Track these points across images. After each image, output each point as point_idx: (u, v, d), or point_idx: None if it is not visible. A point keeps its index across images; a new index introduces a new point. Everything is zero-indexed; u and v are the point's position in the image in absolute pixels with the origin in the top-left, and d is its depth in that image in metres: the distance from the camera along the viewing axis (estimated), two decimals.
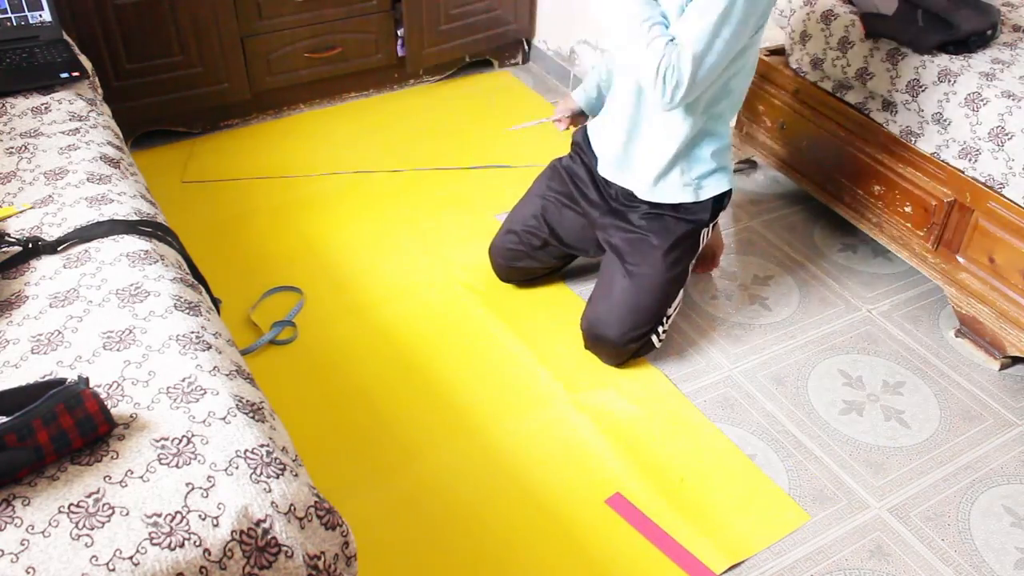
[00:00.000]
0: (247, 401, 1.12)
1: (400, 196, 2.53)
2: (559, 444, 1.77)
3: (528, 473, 1.70)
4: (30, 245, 1.36)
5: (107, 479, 0.99)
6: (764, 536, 1.60)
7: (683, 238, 1.87)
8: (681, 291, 1.92)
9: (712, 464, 1.74)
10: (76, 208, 1.48)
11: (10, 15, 2.01)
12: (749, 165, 2.70)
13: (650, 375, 1.94)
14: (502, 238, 2.11)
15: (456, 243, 2.34)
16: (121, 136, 1.86)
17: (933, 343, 2.06)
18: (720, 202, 1.91)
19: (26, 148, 1.66)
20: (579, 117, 2.14)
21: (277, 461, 1.04)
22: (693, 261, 1.93)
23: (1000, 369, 1.99)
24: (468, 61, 3.22)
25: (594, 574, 1.53)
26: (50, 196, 1.52)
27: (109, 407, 1.06)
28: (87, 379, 1.05)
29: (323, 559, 1.02)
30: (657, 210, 1.89)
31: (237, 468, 1.01)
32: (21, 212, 1.48)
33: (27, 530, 0.93)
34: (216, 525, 0.96)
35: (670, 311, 1.90)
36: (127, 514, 0.95)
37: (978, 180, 1.91)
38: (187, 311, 1.27)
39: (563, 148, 2.79)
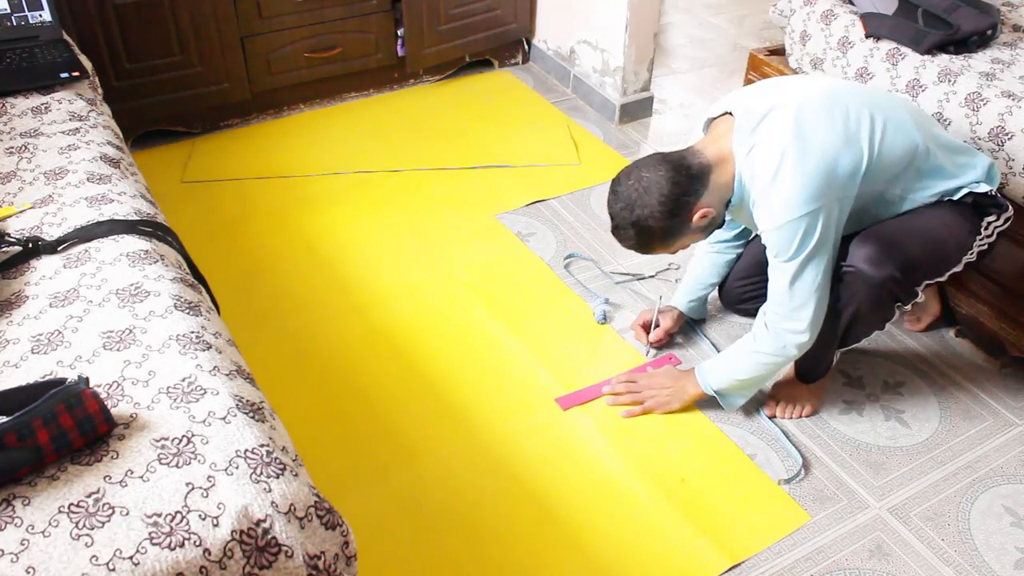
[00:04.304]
0: (247, 401, 1.12)
1: (400, 196, 2.53)
2: (559, 444, 1.77)
3: (528, 473, 1.70)
4: (30, 245, 1.36)
5: (107, 479, 0.99)
6: (764, 536, 1.60)
7: None
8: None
9: (712, 464, 1.74)
10: (76, 208, 1.48)
11: (10, 15, 2.01)
12: None
13: None
14: None
15: (456, 243, 2.34)
16: (121, 136, 1.86)
17: (933, 343, 2.06)
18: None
19: (26, 148, 1.66)
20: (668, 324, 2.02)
21: (277, 461, 1.04)
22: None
23: (1000, 369, 1.99)
24: (468, 61, 3.22)
25: (593, 573, 1.53)
26: (50, 196, 1.52)
27: (109, 407, 1.06)
28: (87, 379, 1.05)
29: (323, 559, 1.02)
30: None
31: (237, 468, 1.01)
32: (21, 212, 1.48)
33: (27, 530, 0.93)
34: (216, 525, 0.96)
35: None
36: (127, 514, 0.95)
37: None
38: (187, 311, 1.27)
39: (564, 149, 2.80)
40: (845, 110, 1.55)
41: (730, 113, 1.61)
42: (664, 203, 1.53)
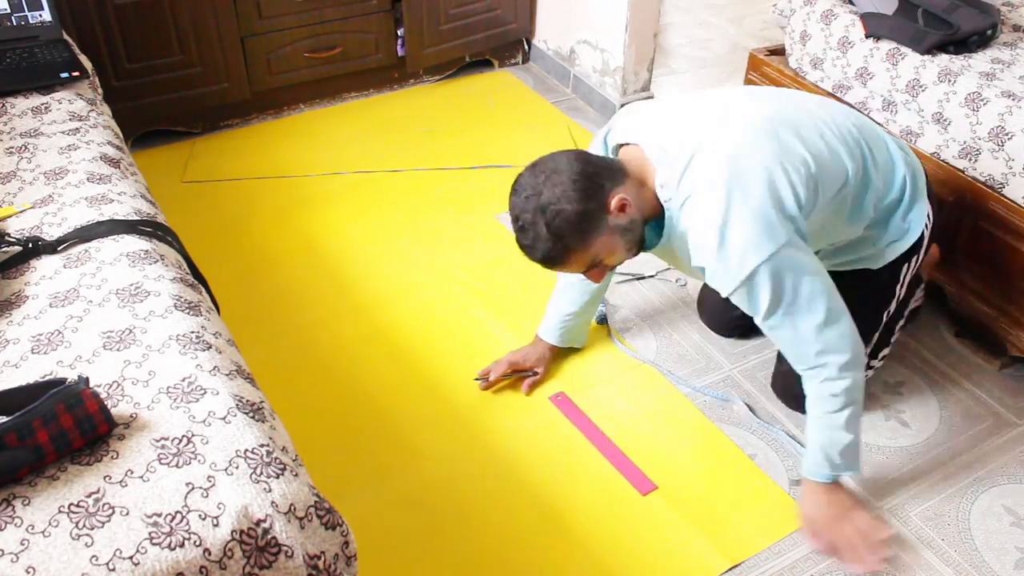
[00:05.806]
0: (247, 401, 1.12)
1: (400, 196, 2.53)
2: (559, 444, 1.77)
3: (528, 472, 1.70)
4: (30, 245, 1.36)
5: (107, 479, 0.99)
6: (764, 536, 1.60)
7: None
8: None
9: (712, 464, 1.74)
10: (76, 208, 1.48)
11: (10, 15, 2.01)
12: None
13: (650, 375, 1.94)
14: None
15: (456, 243, 2.34)
16: (121, 136, 1.86)
17: (933, 343, 2.06)
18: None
19: (26, 148, 1.66)
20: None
21: (277, 461, 1.04)
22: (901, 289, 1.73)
23: (1000, 369, 1.99)
24: (468, 61, 3.22)
25: (593, 573, 1.53)
26: (50, 196, 1.52)
27: (109, 407, 1.06)
28: (87, 379, 1.05)
29: (323, 559, 1.02)
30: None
31: (237, 468, 1.01)
32: (21, 212, 1.48)
33: (27, 530, 0.93)
34: (216, 525, 0.96)
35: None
36: (127, 514, 0.95)
37: (978, 180, 1.90)
38: (187, 311, 1.27)
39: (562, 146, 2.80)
40: (775, 149, 1.40)
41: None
42: (577, 181, 1.35)
